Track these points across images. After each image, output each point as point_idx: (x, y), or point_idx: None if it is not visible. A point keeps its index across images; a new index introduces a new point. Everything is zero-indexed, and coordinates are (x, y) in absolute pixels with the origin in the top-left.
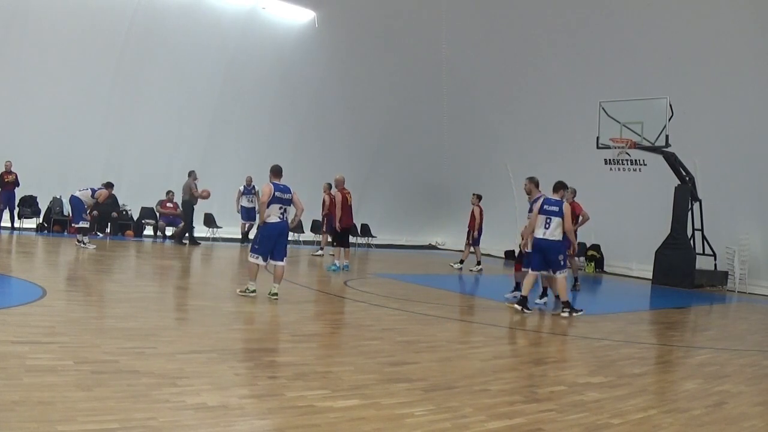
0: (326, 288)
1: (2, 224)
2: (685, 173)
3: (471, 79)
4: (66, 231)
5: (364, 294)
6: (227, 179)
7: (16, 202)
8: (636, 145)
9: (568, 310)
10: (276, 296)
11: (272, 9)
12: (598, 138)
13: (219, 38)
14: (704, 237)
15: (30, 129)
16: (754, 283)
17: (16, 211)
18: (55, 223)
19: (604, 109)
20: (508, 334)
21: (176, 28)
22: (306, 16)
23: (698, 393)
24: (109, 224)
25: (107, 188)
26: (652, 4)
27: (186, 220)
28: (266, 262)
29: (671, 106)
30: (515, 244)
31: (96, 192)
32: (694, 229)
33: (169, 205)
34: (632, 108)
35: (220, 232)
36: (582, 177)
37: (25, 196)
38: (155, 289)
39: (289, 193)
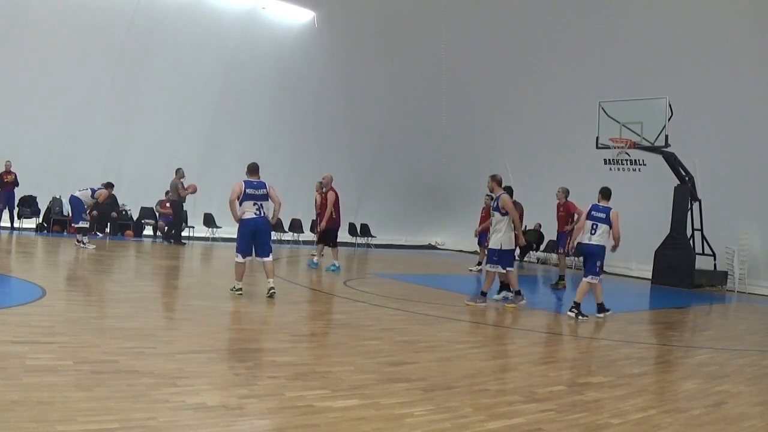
0: (326, 288)
1: (2, 224)
2: (684, 173)
3: (470, 79)
4: (66, 231)
5: (364, 294)
6: (227, 179)
7: (16, 201)
8: (635, 145)
9: (602, 311)
10: (273, 290)
11: (272, 9)
12: (598, 138)
13: (219, 38)
14: (704, 237)
15: (30, 129)
16: (754, 283)
17: (15, 211)
18: (54, 223)
19: (603, 109)
20: (507, 334)
21: (176, 28)
22: (306, 16)
23: (698, 393)
24: (108, 224)
25: (107, 188)
26: (652, 4)
27: (175, 220)
28: (246, 259)
29: (671, 106)
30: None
31: (96, 192)
32: (693, 229)
33: (168, 205)
34: (632, 108)
35: (220, 232)
36: (581, 177)
37: (25, 196)
38: (155, 289)
39: (264, 188)
